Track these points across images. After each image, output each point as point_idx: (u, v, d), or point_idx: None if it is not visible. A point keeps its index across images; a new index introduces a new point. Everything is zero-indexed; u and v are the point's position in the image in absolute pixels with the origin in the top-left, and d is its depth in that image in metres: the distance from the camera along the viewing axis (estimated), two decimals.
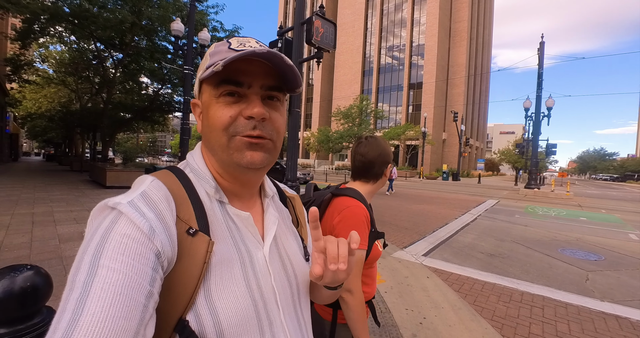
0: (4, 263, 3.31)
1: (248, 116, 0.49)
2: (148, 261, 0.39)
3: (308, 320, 0.62)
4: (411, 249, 4.90)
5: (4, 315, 0.78)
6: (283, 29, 4.45)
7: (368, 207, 1.12)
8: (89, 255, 0.38)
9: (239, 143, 0.50)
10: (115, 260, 0.37)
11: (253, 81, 0.50)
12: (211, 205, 0.52)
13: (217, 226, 0.51)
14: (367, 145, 1.19)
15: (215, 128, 0.50)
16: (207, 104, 0.52)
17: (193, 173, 0.55)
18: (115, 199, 0.43)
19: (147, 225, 0.41)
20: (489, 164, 53.64)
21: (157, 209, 0.44)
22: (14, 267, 0.83)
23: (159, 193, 0.46)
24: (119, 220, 0.41)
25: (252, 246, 0.54)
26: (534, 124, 17.51)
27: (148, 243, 0.40)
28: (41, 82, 19.64)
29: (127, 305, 0.35)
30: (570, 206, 12.08)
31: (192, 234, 0.46)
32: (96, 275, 0.36)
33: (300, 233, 0.69)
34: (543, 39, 17.23)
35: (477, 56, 51.70)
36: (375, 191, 1.22)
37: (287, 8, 60.07)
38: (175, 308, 0.43)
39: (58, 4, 10.68)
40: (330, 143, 35.47)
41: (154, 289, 0.39)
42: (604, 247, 5.63)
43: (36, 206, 6.52)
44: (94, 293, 0.34)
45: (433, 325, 2.61)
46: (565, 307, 3.11)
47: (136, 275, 0.37)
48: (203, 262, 0.45)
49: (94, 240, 0.39)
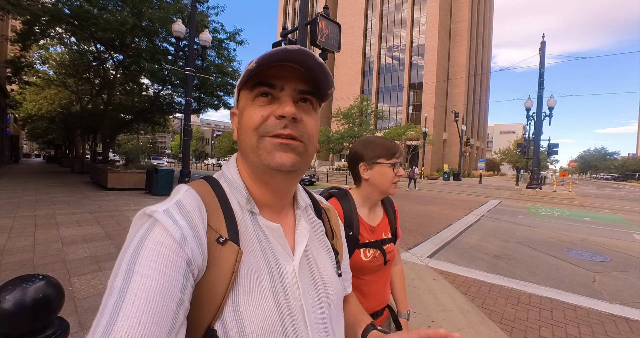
0: (7, 267, 3.29)
1: (279, 115, 0.49)
2: (180, 269, 0.40)
3: (340, 336, 0.60)
4: (416, 251, 4.87)
5: (15, 329, 0.75)
6: (286, 30, 4.43)
7: (347, 208, 1.06)
8: (126, 261, 0.39)
9: (268, 144, 0.50)
10: (148, 267, 0.39)
11: (286, 84, 0.51)
12: (242, 215, 0.52)
13: (247, 237, 0.51)
14: (351, 148, 1.17)
15: (247, 128, 0.51)
16: (243, 108, 0.53)
17: (227, 182, 0.56)
18: (152, 208, 0.45)
19: (179, 233, 0.42)
20: (490, 164, 53.63)
21: (190, 218, 0.45)
22: (26, 277, 0.80)
23: (192, 202, 0.48)
24: (154, 227, 0.42)
25: (282, 259, 0.53)
26: (536, 124, 17.49)
27: (180, 250, 0.41)
28: (41, 83, 19.65)
29: (159, 312, 0.36)
30: (573, 206, 12.05)
31: (222, 243, 0.46)
32: (131, 281, 0.37)
33: (335, 246, 0.67)
34: (544, 39, 17.23)
35: (478, 56, 51.72)
36: (367, 194, 1.11)
37: (286, 9, 60.12)
38: (205, 316, 0.44)
39: (58, 5, 10.67)
40: (331, 144, 35.51)
41: (184, 296, 0.40)
42: (609, 248, 5.60)
43: (38, 208, 6.50)
44: (129, 299, 0.36)
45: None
46: (574, 309, 3.07)
47: (168, 282, 0.39)
48: (232, 271, 0.45)
49: (130, 247, 0.41)
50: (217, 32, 13.52)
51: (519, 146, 21.89)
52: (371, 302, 1.09)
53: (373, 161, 1.08)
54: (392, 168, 1.07)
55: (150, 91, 17.04)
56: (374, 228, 1.12)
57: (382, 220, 1.17)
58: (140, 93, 16.79)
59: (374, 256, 1.08)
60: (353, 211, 1.07)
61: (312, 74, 0.52)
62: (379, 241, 1.11)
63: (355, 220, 1.06)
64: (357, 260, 1.04)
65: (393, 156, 1.08)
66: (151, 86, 16.86)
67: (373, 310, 1.10)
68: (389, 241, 1.15)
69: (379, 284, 1.12)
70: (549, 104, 16.41)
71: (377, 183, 1.09)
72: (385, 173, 1.07)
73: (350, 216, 1.05)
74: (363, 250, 1.06)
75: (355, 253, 1.04)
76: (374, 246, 1.09)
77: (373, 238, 1.10)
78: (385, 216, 1.19)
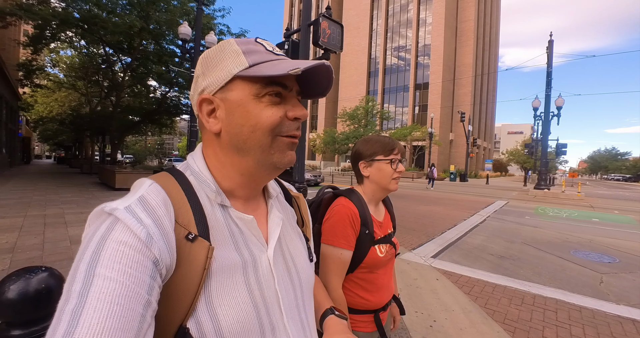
0: (18, 264, 3.38)
1: (295, 117, 0.51)
2: (146, 269, 0.38)
3: (312, 323, 0.61)
4: (420, 251, 4.85)
5: (19, 317, 0.78)
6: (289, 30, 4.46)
7: (360, 206, 1.07)
8: (85, 263, 0.36)
9: (282, 144, 0.51)
10: (111, 268, 0.36)
11: (293, 85, 0.53)
12: (212, 209, 0.50)
13: (218, 231, 0.49)
14: (352, 148, 1.19)
15: (261, 128, 0.49)
16: (244, 102, 0.50)
17: (193, 175, 0.53)
18: (112, 205, 0.42)
19: (144, 232, 0.40)
20: (497, 165, 53.00)
21: (155, 215, 0.43)
22: (29, 269, 0.83)
23: (157, 198, 0.45)
24: (116, 226, 0.40)
25: (256, 250, 0.52)
26: (544, 124, 17.24)
27: (145, 250, 0.39)
28: (52, 86, 20.06)
29: (125, 316, 0.34)
30: (581, 207, 11.85)
31: (191, 239, 0.45)
32: (92, 285, 0.34)
33: (305, 233, 0.69)
34: (552, 37, 17.00)
35: (484, 56, 51.24)
36: (370, 191, 1.14)
37: (292, 10, 60.39)
38: (176, 315, 0.42)
39: (68, 9, 10.90)
40: (336, 145, 35.48)
41: (152, 298, 0.38)
42: (618, 249, 5.50)
43: (48, 208, 6.64)
44: (90, 303, 0.33)
45: (444, 328, 2.57)
46: (579, 310, 3.03)
47: (133, 284, 0.36)
48: (203, 268, 0.44)
49: (89, 247, 0.38)
50: (222, 34, 13.66)
51: (526, 147, 21.59)
52: (384, 293, 1.11)
53: (371, 159, 1.11)
54: (390, 164, 1.09)
55: (157, 93, 17.27)
56: (382, 223, 1.15)
57: (385, 214, 1.20)
58: (148, 95, 17.03)
59: (387, 251, 1.11)
60: (365, 209, 1.08)
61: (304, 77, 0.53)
62: (387, 235, 1.15)
63: (369, 218, 1.07)
64: (374, 257, 1.06)
65: (391, 153, 1.09)
66: (158, 88, 17.09)
67: (386, 301, 1.13)
68: (393, 234, 1.20)
69: (388, 275, 1.15)
70: (557, 103, 16.17)
71: (376, 180, 1.11)
72: (383, 169, 1.09)
73: (364, 215, 1.06)
74: (378, 246, 1.08)
75: (371, 250, 1.06)
76: (386, 241, 1.12)
77: (382, 233, 1.12)
78: (387, 210, 1.23)
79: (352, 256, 1.04)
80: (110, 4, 10.98)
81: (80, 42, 14.63)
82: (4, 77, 15.26)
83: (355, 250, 1.04)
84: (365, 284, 1.08)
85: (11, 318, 0.78)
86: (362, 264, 1.06)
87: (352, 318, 1.06)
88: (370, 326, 1.09)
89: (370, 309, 1.09)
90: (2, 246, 3.99)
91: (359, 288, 1.08)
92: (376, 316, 1.09)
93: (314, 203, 1.16)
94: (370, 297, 1.08)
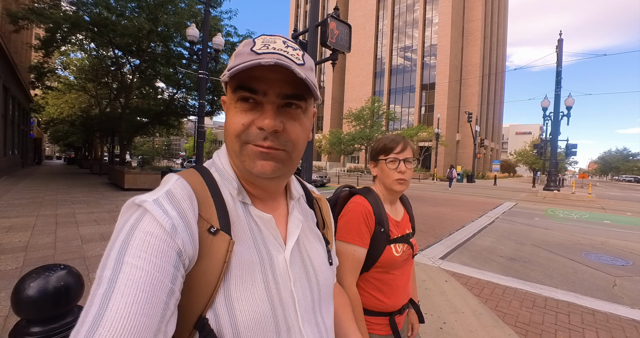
0: (31, 262, 3.44)
1: (259, 126, 0.48)
2: (170, 259, 0.40)
3: (330, 326, 0.61)
4: (428, 252, 4.81)
5: (39, 314, 0.79)
6: (297, 32, 4.47)
7: (375, 205, 1.06)
8: (115, 251, 0.39)
9: (250, 152, 0.49)
10: (138, 257, 0.38)
11: (269, 88, 0.48)
12: (234, 206, 0.52)
13: (239, 227, 0.50)
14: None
15: (229, 133, 0.51)
16: (227, 105, 0.52)
17: (218, 172, 0.55)
18: (142, 197, 0.44)
19: (169, 223, 0.42)
20: (505, 166, 52.33)
21: (180, 208, 0.45)
22: (49, 267, 0.85)
23: (183, 192, 0.47)
24: (144, 217, 0.42)
25: (274, 249, 0.53)
26: (553, 124, 16.97)
27: (170, 241, 0.41)
28: (63, 88, 20.42)
29: (149, 302, 0.36)
30: (592, 209, 11.63)
31: (213, 233, 0.46)
32: (120, 272, 0.37)
33: (326, 236, 0.68)
34: (561, 36, 16.75)
35: (492, 55, 50.72)
36: (381, 192, 1.13)
37: (298, 12, 60.58)
38: (196, 306, 0.44)
39: (79, 13, 11.10)
40: (342, 145, 35.46)
41: (175, 287, 0.40)
42: (631, 252, 5.38)
43: (59, 207, 6.76)
44: (118, 289, 0.35)
45: (454, 331, 2.54)
46: (592, 313, 2.97)
47: (158, 273, 0.38)
48: (223, 261, 0.45)
49: (119, 237, 0.40)
50: (230, 36, 13.75)
51: (535, 147, 21.28)
52: (400, 295, 1.10)
53: (377, 158, 1.12)
54: (391, 163, 1.07)
55: (165, 95, 17.48)
56: (399, 222, 1.14)
57: (403, 214, 1.19)
58: (156, 96, 17.25)
59: (403, 251, 1.09)
60: (381, 207, 1.07)
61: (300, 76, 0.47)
62: (405, 235, 1.13)
63: (384, 216, 1.06)
64: (389, 256, 1.05)
65: (391, 152, 1.08)
66: (166, 90, 17.31)
67: (402, 304, 1.11)
68: (412, 235, 1.18)
69: (405, 277, 1.13)
70: (566, 103, 15.90)
71: (381, 180, 1.12)
72: (383, 169, 1.09)
73: (379, 213, 1.05)
74: (394, 246, 1.07)
75: (386, 249, 1.05)
76: (402, 241, 1.10)
77: (399, 233, 1.11)
78: (405, 211, 1.22)
79: (367, 254, 1.03)
80: (119, 7, 11.15)
81: (90, 44, 14.86)
82: (16, 79, 15.58)
83: (370, 249, 1.03)
84: (380, 285, 1.07)
85: (31, 316, 0.79)
86: (378, 263, 1.05)
87: (367, 320, 1.05)
88: (385, 329, 1.07)
89: (386, 311, 1.07)
90: (16, 244, 4.07)
91: (374, 289, 1.07)
92: (391, 319, 1.08)
93: (329, 202, 1.16)
94: (385, 299, 1.07)
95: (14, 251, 3.80)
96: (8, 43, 12.55)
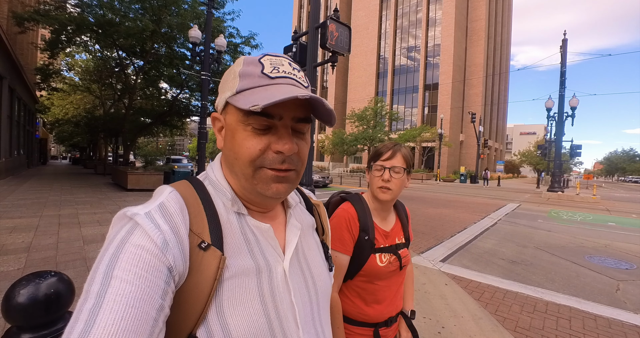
0: (33, 263, 3.47)
1: (278, 150, 0.48)
2: (161, 274, 0.39)
3: (328, 334, 0.60)
4: (428, 254, 4.79)
5: (29, 321, 0.79)
6: (297, 33, 4.48)
7: (362, 212, 1.05)
8: (104, 265, 0.38)
9: (265, 176, 0.49)
10: (128, 271, 0.37)
11: (284, 112, 0.48)
12: (228, 217, 0.51)
13: (233, 240, 0.49)
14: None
15: (241, 158, 0.49)
16: (233, 127, 0.50)
17: (211, 184, 0.54)
18: (134, 210, 0.44)
19: (161, 238, 0.41)
20: (509, 166, 51.98)
21: (173, 222, 0.44)
22: (39, 274, 0.85)
23: (176, 205, 0.46)
24: (135, 230, 0.41)
25: (272, 260, 0.52)
26: (557, 125, 16.83)
27: (161, 255, 0.40)
28: (68, 89, 20.66)
29: (138, 319, 0.35)
30: (597, 211, 11.52)
31: (204, 248, 0.45)
32: (109, 286, 0.36)
33: (325, 241, 0.68)
34: (565, 36, 16.61)
35: (496, 55, 50.42)
36: (371, 197, 1.11)
37: (301, 13, 60.64)
38: (186, 323, 0.43)
39: (84, 14, 11.21)
40: (345, 146, 35.38)
41: (165, 302, 0.39)
42: (636, 255, 5.31)
43: (62, 208, 6.82)
44: (107, 304, 0.35)
45: (452, 335, 2.53)
46: (594, 319, 2.94)
47: (148, 288, 0.37)
48: (214, 278, 0.44)
49: (109, 250, 0.40)
50: (232, 37, 13.80)
51: (539, 148, 21.10)
52: (385, 307, 1.07)
53: (368, 164, 1.12)
54: (377, 170, 1.05)
55: (168, 95, 17.59)
56: (388, 233, 1.11)
57: (395, 224, 1.15)
58: (159, 97, 17.37)
59: (389, 262, 1.06)
60: (367, 215, 1.06)
61: (313, 102, 0.49)
62: (394, 246, 1.10)
63: (370, 225, 1.04)
64: (372, 265, 1.03)
65: (378, 159, 1.06)
66: (169, 90, 17.41)
67: (387, 316, 1.08)
68: (403, 246, 1.13)
69: (392, 290, 1.10)
70: (571, 104, 15.77)
71: (370, 186, 1.11)
72: (371, 176, 1.09)
73: (365, 221, 1.04)
74: (379, 255, 1.05)
75: (370, 258, 1.03)
76: (389, 251, 1.07)
77: (387, 243, 1.08)
78: (398, 220, 1.17)
79: (351, 262, 1.02)
80: (123, 8, 11.24)
81: (95, 46, 15.01)
82: (22, 81, 15.76)
83: (354, 256, 1.02)
84: (364, 294, 1.05)
85: (22, 323, 0.80)
86: (361, 271, 1.03)
87: (348, 329, 1.03)
88: None
89: (369, 322, 1.05)
90: (19, 245, 4.11)
91: (357, 297, 1.06)
92: (375, 331, 1.05)
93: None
94: (366, 308, 1.05)
95: (17, 252, 3.83)
96: (14, 45, 12.69)
